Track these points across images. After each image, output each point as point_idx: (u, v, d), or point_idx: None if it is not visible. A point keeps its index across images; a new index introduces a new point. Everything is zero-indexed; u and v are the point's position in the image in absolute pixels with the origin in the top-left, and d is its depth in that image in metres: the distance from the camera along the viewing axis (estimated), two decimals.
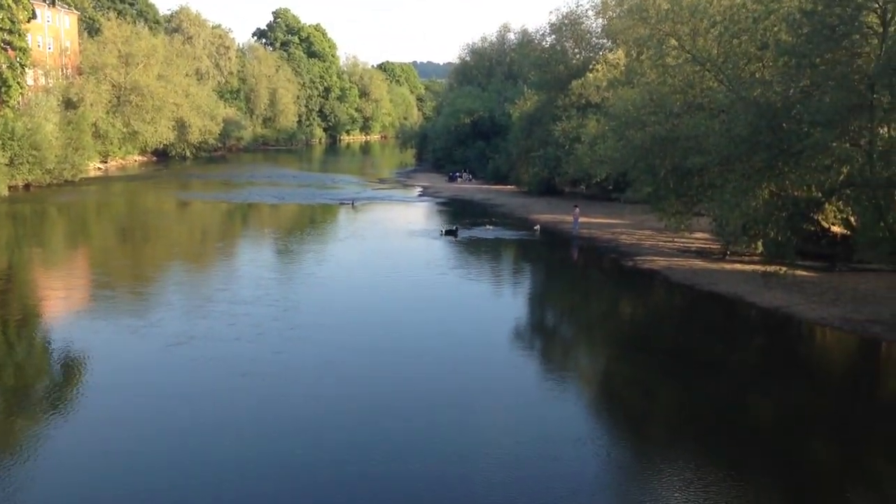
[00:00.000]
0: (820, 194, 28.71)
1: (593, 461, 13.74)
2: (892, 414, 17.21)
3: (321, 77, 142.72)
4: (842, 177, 26.81)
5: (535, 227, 40.78)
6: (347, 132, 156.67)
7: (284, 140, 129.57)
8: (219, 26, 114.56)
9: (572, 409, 16.58)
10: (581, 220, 40.56)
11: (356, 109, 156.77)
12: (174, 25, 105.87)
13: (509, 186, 61.14)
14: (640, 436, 15.63)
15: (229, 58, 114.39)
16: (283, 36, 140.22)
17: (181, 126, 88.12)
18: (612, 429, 15.94)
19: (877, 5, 24.97)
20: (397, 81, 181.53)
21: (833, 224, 30.99)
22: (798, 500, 12.70)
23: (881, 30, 24.79)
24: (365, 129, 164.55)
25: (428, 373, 18.38)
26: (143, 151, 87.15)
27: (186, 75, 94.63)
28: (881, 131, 25.33)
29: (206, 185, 66.24)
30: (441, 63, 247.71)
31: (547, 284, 31.78)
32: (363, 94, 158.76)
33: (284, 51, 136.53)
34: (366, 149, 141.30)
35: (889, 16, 24.43)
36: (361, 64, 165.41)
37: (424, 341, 21.18)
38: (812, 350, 22.54)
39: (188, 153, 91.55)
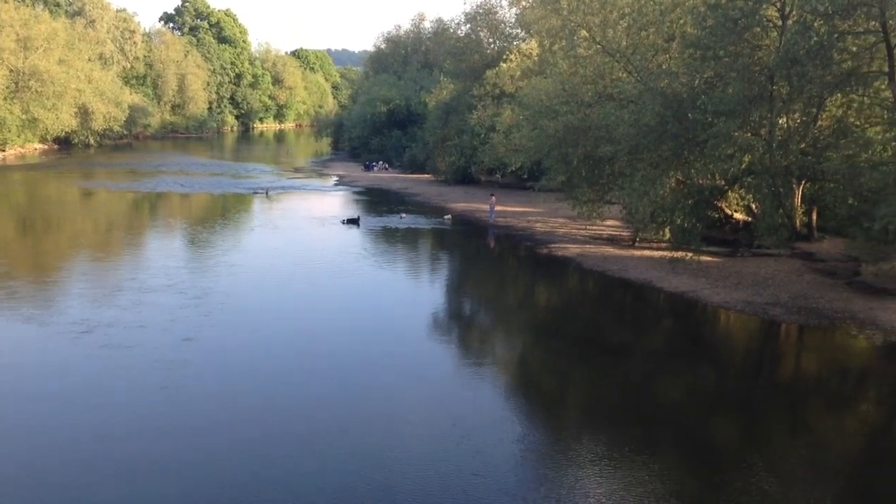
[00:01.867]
0: (723, 182, 29.87)
1: (509, 445, 13.89)
2: (789, 391, 18.05)
3: (232, 63, 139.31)
4: (743, 165, 27.95)
5: (447, 217, 40.91)
6: (261, 120, 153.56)
7: (194, 128, 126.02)
8: (123, 10, 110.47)
9: (489, 396, 16.72)
10: (497, 208, 40.96)
11: (269, 97, 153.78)
12: (76, 8, 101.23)
13: (426, 175, 61.19)
14: (554, 419, 15.91)
15: (135, 42, 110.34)
16: (192, 21, 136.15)
17: (84, 113, 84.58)
18: (527, 413, 16.16)
19: None
20: (312, 69, 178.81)
21: (736, 211, 32.25)
22: (702, 474, 13.17)
23: (780, 23, 25.89)
24: (279, 117, 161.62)
25: (341, 364, 18.19)
26: (43, 139, 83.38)
27: (89, 60, 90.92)
28: (780, 121, 26.46)
29: (111, 174, 63.79)
30: (356, 51, 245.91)
31: (463, 273, 31.99)
32: (276, 81, 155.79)
33: (193, 36, 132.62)
34: (280, 137, 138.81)
35: (787, 9, 25.51)
36: (274, 51, 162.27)
37: (338, 332, 20.96)
38: (716, 333, 23.41)
39: (92, 141, 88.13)
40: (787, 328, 22.30)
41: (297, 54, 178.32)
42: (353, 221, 38.24)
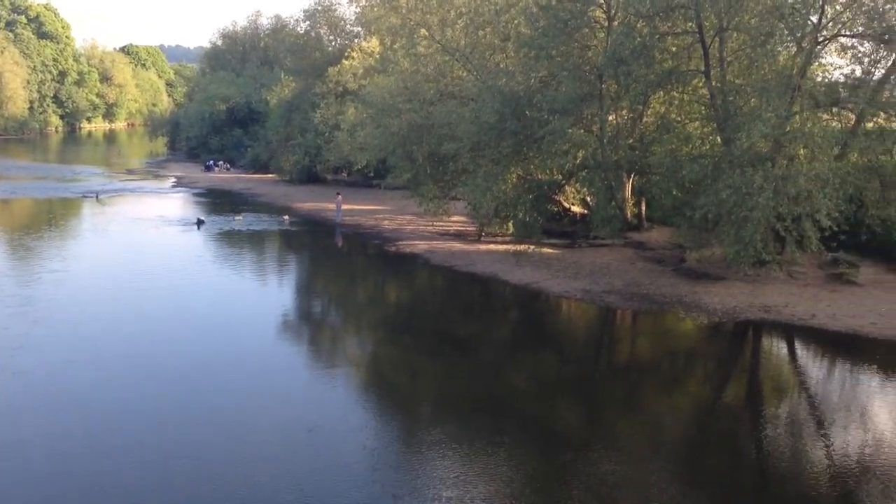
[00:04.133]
0: (560, 177, 31.18)
1: (364, 445, 13.86)
2: (626, 373, 19.11)
3: (55, 60, 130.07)
4: (578, 160, 29.26)
5: (285, 217, 40.16)
6: (88, 120, 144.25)
7: (14, 129, 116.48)
8: None
9: (342, 397, 16.59)
10: (344, 207, 40.65)
11: (98, 95, 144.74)
12: None
13: (270, 175, 59.77)
14: (406, 413, 16.05)
15: None
16: (8, 15, 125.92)
17: None
18: (380, 409, 16.18)
19: (602, 1, 27.40)
20: (143, 65, 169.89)
21: (573, 204, 33.70)
22: (547, 458, 13.68)
23: (607, 24, 27.27)
24: (109, 116, 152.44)
25: (187, 373, 17.46)
26: None
27: None
28: (609, 118, 27.91)
29: None
30: (191, 47, 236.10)
31: (312, 273, 31.55)
32: (105, 78, 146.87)
33: (10, 31, 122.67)
34: (111, 137, 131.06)
35: (613, 11, 26.91)
36: (102, 47, 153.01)
37: (182, 340, 20.10)
38: (558, 321, 24.40)
39: None
40: (622, 314, 23.58)
41: (126, 50, 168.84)
42: (200, 223, 37.00)
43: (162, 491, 12.03)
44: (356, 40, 55.36)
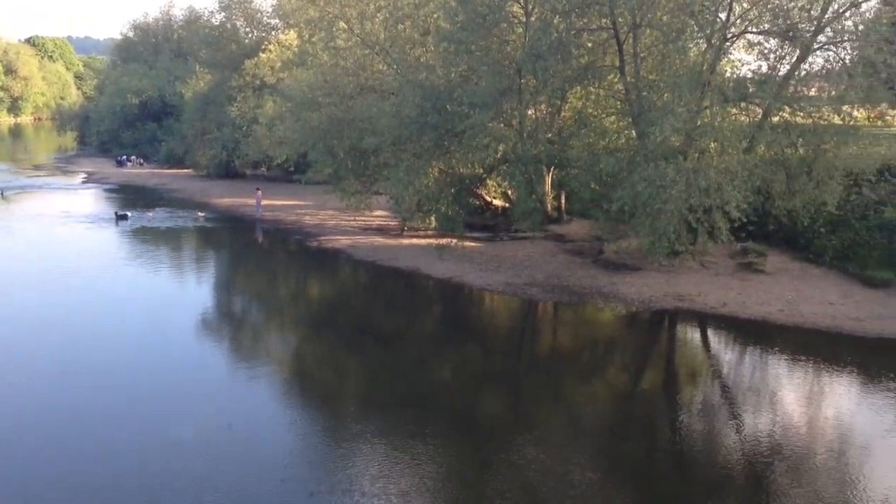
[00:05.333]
0: (482, 171, 31.38)
1: (284, 442, 13.73)
2: (548, 364, 19.39)
3: None
4: (499, 154, 29.52)
5: (200, 214, 39.24)
6: None
7: None
8: None
9: (262, 394, 16.33)
10: (264, 202, 39.98)
11: (1, 88, 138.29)
12: None
13: (186, 170, 58.22)
14: (331, 410, 15.94)
15: None
16: None
17: None
18: (304, 407, 16.04)
19: None
20: (50, 58, 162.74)
21: (494, 198, 33.98)
22: (473, 450, 13.80)
23: (525, 19, 27.53)
24: (14, 110, 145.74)
25: (106, 375, 16.91)
26: None
27: None
28: (529, 112, 28.20)
29: None
30: (101, 38, 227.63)
31: (232, 270, 30.91)
32: (9, 71, 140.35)
33: None
34: (16, 132, 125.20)
35: (530, 6, 27.17)
36: (5, 38, 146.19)
37: (100, 340, 19.42)
38: (481, 314, 24.58)
39: None
40: (543, 306, 23.93)
41: (32, 42, 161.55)
42: (122, 217, 35.81)
43: (71, 489, 11.67)
44: (273, 33, 54.36)
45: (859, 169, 25.11)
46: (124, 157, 65.26)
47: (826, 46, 25.00)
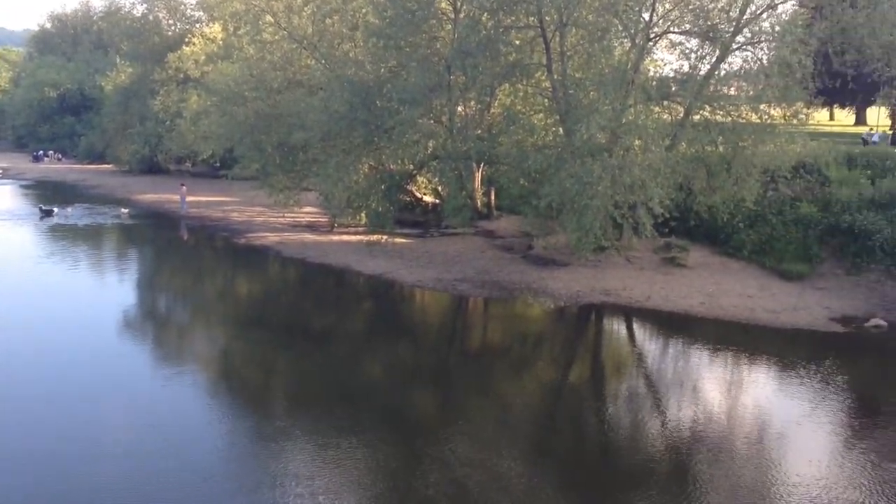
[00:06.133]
0: (412, 167, 31.37)
1: (213, 442, 13.48)
2: (479, 359, 19.56)
3: None
4: (429, 150, 29.58)
5: (124, 211, 38.18)
6: None
7: None
8: None
9: (190, 394, 15.99)
10: (189, 198, 39.12)
11: None
12: None
13: (107, 165, 56.59)
14: (261, 409, 15.68)
15: None
16: None
17: None
18: (233, 407, 15.74)
19: None
20: None
21: (425, 194, 34.03)
22: (405, 446, 13.80)
23: (453, 16, 27.61)
24: None
25: (25, 378, 16.28)
26: None
27: None
28: (458, 109, 28.32)
29: None
30: (17, 30, 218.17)
31: (156, 268, 30.12)
32: None
33: None
34: None
35: (459, 3, 27.27)
36: None
37: (17, 344, 18.67)
38: (412, 310, 24.58)
39: None
40: (473, 301, 24.09)
41: None
42: (47, 213, 34.52)
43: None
44: (198, 25, 53.23)
45: (776, 166, 26.01)
46: (41, 152, 63.14)
47: (744, 47, 25.81)
